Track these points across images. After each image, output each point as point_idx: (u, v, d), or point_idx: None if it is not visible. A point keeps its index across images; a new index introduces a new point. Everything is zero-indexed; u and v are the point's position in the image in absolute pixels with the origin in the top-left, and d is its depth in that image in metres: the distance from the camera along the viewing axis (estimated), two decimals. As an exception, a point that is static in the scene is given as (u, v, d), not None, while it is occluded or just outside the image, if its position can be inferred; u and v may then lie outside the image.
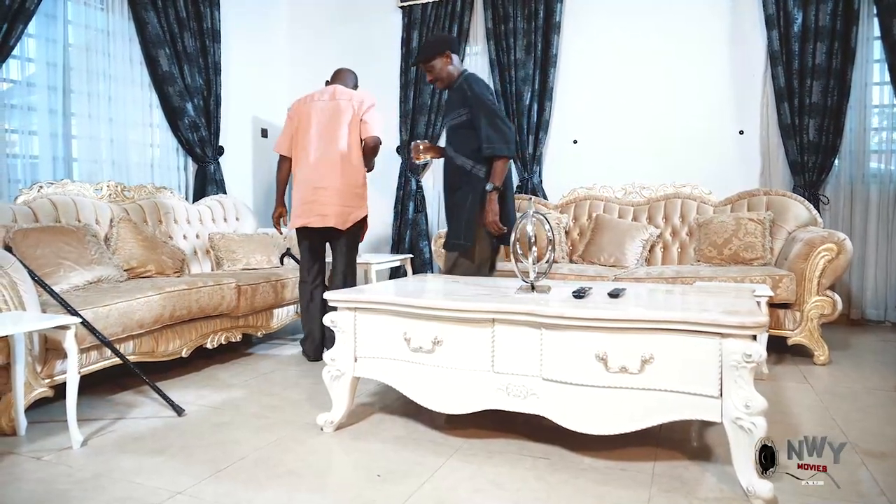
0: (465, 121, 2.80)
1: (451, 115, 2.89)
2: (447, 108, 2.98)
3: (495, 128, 2.73)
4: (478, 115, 2.74)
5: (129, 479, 1.80)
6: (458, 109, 2.83)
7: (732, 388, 1.67)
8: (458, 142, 2.85)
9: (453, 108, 2.88)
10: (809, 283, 3.04)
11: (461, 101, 2.82)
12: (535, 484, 1.76)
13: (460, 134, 2.84)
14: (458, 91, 2.85)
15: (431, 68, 2.88)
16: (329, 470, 1.90)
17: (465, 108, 2.80)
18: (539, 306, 1.86)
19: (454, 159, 2.86)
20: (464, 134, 2.81)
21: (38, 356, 2.27)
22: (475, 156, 2.78)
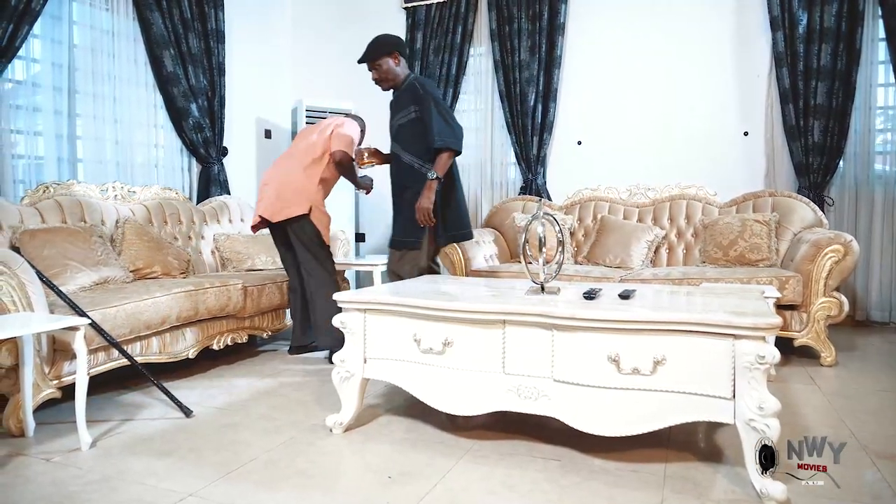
0: (414, 118, 2.80)
1: (401, 114, 2.87)
2: (395, 108, 2.93)
3: (447, 122, 2.77)
4: (429, 109, 2.74)
5: (139, 481, 1.79)
6: (409, 107, 2.82)
7: (745, 389, 1.66)
8: (407, 140, 2.85)
9: (403, 107, 2.86)
10: (816, 284, 3.04)
11: (411, 99, 2.81)
12: (547, 486, 1.76)
13: (409, 132, 2.84)
14: (408, 91, 2.85)
15: (378, 67, 2.87)
16: (340, 471, 1.90)
17: (414, 105, 2.80)
18: (551, 307, 1.85)
19: (402, 157, 2.86)
20: (412, 132, 2.81)
21: (46, 357, 2.27)
22: (423, 154, 2.79)
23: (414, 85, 2.85)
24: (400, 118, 2.88)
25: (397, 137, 2.91)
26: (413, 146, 2.83)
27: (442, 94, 4.83)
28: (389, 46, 2.88)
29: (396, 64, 2.88)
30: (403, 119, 2.86)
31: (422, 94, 2.78)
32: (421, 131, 2.78)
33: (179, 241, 3.56)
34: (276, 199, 3.14)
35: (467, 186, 5.00)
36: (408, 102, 2.84)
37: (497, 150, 4.87)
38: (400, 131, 2.89)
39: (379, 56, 2.87)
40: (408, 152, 2.84)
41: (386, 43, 2.89)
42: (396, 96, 2.94)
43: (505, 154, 4.86)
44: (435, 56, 4.87)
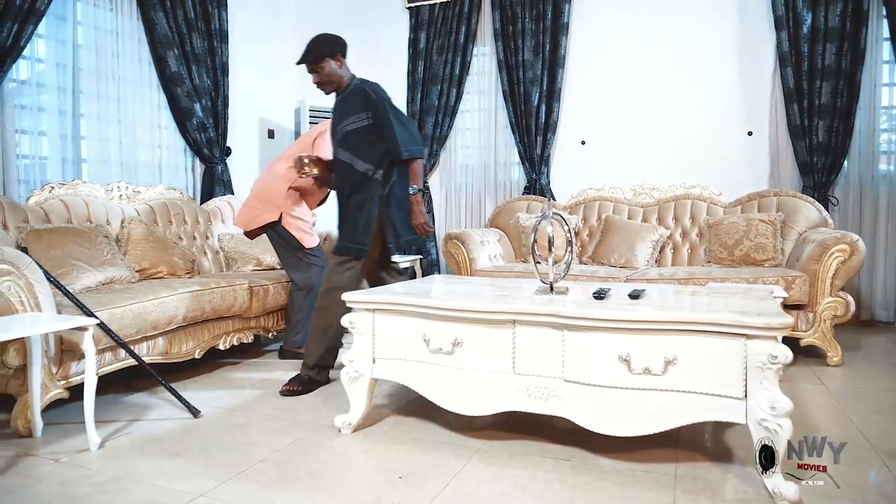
0: (366, 125, 2.67)
1: (350, 120, 2.70)
2: (341, 112, 2.75)
3: (408, 131, 2.69)
4: (387, 118, 2.64)
5: (150, 482, 1.79)
6: (359, 113, 2.68)
7: (757, 389, 1.66)
8: (359, 147, 2.69)
9: (352, 112, 2.70)
10: (822, 284, 3.04)
11: (362, 105, 2.68)
12: (558, 486, 1.75)
13: (360, 138, 2.69)
14: (356, 95, 2.71)
15: (320, 69, 2.70)
16: (350, 472, 1.89)
17: (366, 112, 2.67)
18: (562, 307, 1.85)
19: (352, 164, 2.71)
20: (364, 138, 2.68)
21: (54, 357, 2.26)
22: (375, 160, 2.68)
23: (364, 90, 2.71)
24: (348, 124, 2.70)
25: (346, 144, 2.73)
26: (365, 153, 2.69)
27: (445, 94, 4.84)
28: (332, 47, 2.71)
29: (339, 66, 2.73)
30: (353, 125, 2.69)
31: (375, 100, 2.66)
32: (373, 139, 2.67)
33: (184, 241, 3.55)
34: (248, 208, 3.27)
35: (471, 186, 5.00)
36: (358, 108, 2.69)
37: (501, 151, 4.87)
38: (348, 138, 2.71)
39: (321, 57, 2.68)
40: (360, 159, 2.69)
41: (328, 43, 2.72)
42: (341, 100, 2.77)
43: (509, 154, 4.86)
44: (438, 56, 4.87)
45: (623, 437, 1.86)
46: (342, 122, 2.74)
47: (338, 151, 2.77)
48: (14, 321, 2.01)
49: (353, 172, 2.72)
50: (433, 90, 4.88)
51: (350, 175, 2.73)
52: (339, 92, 2.78)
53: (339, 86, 2.76)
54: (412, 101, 4.99)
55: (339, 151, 2.76)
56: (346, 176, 2.75)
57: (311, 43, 2.72)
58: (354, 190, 2.72)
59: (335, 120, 2.79)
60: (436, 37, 4.89)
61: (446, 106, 4.87)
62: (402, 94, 5.05)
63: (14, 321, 2.01)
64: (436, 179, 5.10)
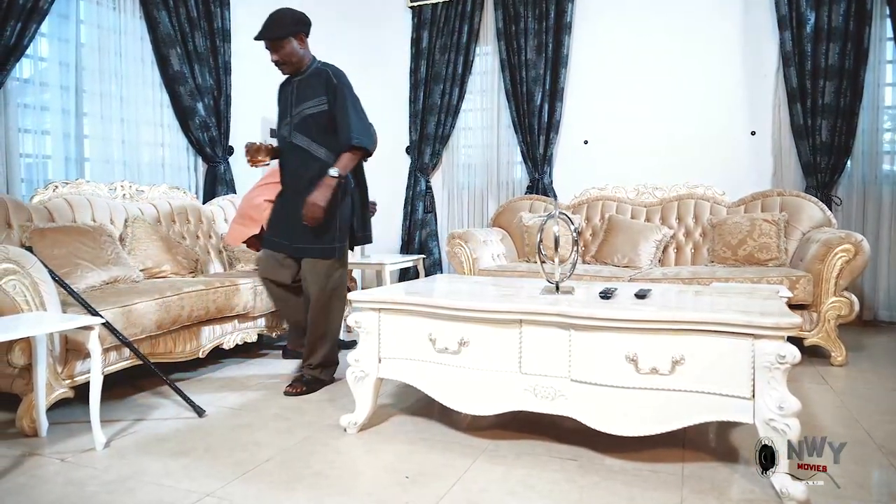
0: (325, 110, 2.55)
1: (310, 103, 2.57)
2: (301, 95, 2.60)
3: (363, 121, 2.58)
4: (344, 104, 2.52)
5: (156, 482, 1.79)
6: (320, 97, 2.56)
7: (765, 389, 1.66)
8: (319, 133, 2.58)
9: (313, 95, 2.57)
10: (827, 283, 3.04)
11: (323, 87, 2.56)
12: (566, 486, 1.75)
13: (319, 124, 2.57)
14: (318, 77, 2.59)
15: (281, 48, 2.53)
16: (357, 472, 1.89)
17: (326, 95, 2.55)
18: (570, 307, 1.85)
19: (310, 150, 2.59)
20: (322, 124, 2.57)
21: (59, 357, 2.26)
22: (334, 148, 2.56)
23: (326, 72, 2.58)
24: (308, 107, 2.57)
25: (304, 128, 2.59)
26: (325, 140, 2.57)
27: (448, 94, 4.84)
28: (297, 25, 2.55)
29: (301, 46, 2.58)
30: (313, 109, 2.56)
31: (336, 85, 2.54)
32: (330, 124, 2.55)
33: (188, 240, 3.54)
34: (234, 224, 3.41)
35: (473, 185, 5.00)
36: (319, 91, 2.56)
37: (503, 150, 4.87)
38: (307, 122, 2.58)
39: (284, 34, 2.51)
40: (321, 146, 2.57)
41: (293, 20, 2.55)
42: (299, 82, 2.62)
43: (511, 153, 4.86)
44: (441, 55, 4.87)
45: (630, 437, 1.86)
46: (300, 105, 2.60)
47: (293, 136, 2.61)
48: (19, 320, 2.01)
49: (310, 159, 2.59)
50: (436, 89, 4.88)
51: (307, 162, 2.60)
52: (297, 73, 2.64)
53: (298, 67, 2.61)
54: (414, 100, 4.99)
55: (296, 136, 2.61)
56: (303, 162, 2.60)
57: (274, 18, 2.55)
58: (312, 181, 2.54)
59: (290, 101, 2.63)
60: (438, 36, 4.89)
61: (448, 105, 4.87)
62: (405, 93, 5.05)
63: (19, 320, 2.01)
64: (438, 179, 5.10)
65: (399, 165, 5.14)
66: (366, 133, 2.59)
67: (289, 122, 2.64)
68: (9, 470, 1.88)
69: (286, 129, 2.65)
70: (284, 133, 2.66)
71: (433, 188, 5.07)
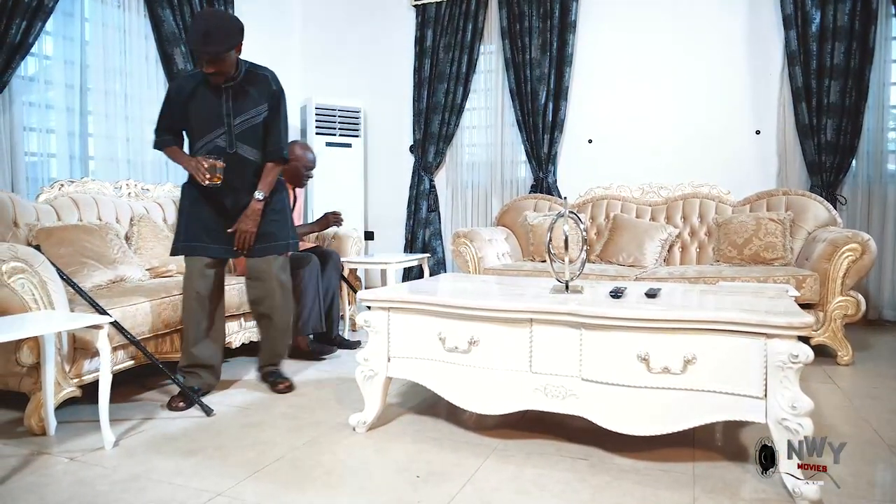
0: (266, 117, 2.48)
1: (255, 111, 2.46)
2: (240, 102, 2.44)
3: (287, 133, 2.60)
4: (281, 114, 2.50)
5: (167, 481, 1.78)
6: (262, 104, 2.46)
7: (778, 388, 1.66)
8: (256, 140, 2.50)
9: (255, 104, 2.45)
10: (833, 283, 3.03)
11: (265, 95, 2.47)
12: (578, 485, 1.75)
13: (258, 133, 2.49)
14: (256, 82, 2.47)
15: (223, 60, 2.32)
16: (367, 471, 1.89)
17: (269, 101, 2.47)
18: (582, 306, 1.85)
19: (257, 162, 2.52)
20: (259, 132, 2.49)
21: (67, 356, 2.25)
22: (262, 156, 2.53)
23: (265, 77, 2.49)
24: (252, 116, 2.46)
25: (247, 138, 2.47)
26: (260, 146, 2.51)
27: (452, 92, 4.83)
28: (240, 34, 2.37)
29: (238, 54, 2.42)
30: (258, 118, 2.46)
31: (277, 92, 2.49)
32: (262, 133, 2.49)
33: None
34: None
35: (477, 184, 5.00)
36: (261, 98, 2.45)
37: (507, 149, 4.86)
38: (257, 130, 2.48)
39: (231, 47, 2.32)
40: (259, 150, 2.51)
41: (238, 30, 2.36)
42: (234, 88, 2.44)
43: (515, 152, 4.85)
44: (445, 54, 4.86)
45: (639, 437, 1.85)
46: (243, 114, 2.45)
47: (237, 146, 2.46)
48: (29, 319, 2.01)
49: (254, 169, 2.51)
50: (440, 88, 4.87)
51: (252, 171, 2.51)
52: (233, 79, 2.44)
53: (231, 74, 2.43)
54: (418, 98, 4.98)
55: (240, 146, 2.46)
56: (247, 172, 2.50)
57: (218, 28, 2.31)
58: (253, 187, 2.50)
59: (226, 110, 2.43)
60: (442, 34, 4.88)
61: (453, 104, 4.86)
62: (409, 91, 5.04)
63: (29, 319, 2.01)
64: (442, 177, 5.10)
65: (403, 164, 5.13)
66: (287, 147, 2.61)
67: (226, 131, 2.44)
68: (18, 469, 1.88)
69: (224, 140, 2.44)
70: (222, 143, 2.44)
71: (437, 187, 5.06)
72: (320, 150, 4.91)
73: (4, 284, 2.06)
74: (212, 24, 2.32)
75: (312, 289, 3.23)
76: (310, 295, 3.22)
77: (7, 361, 2.10)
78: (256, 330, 2.88)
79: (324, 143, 4.92)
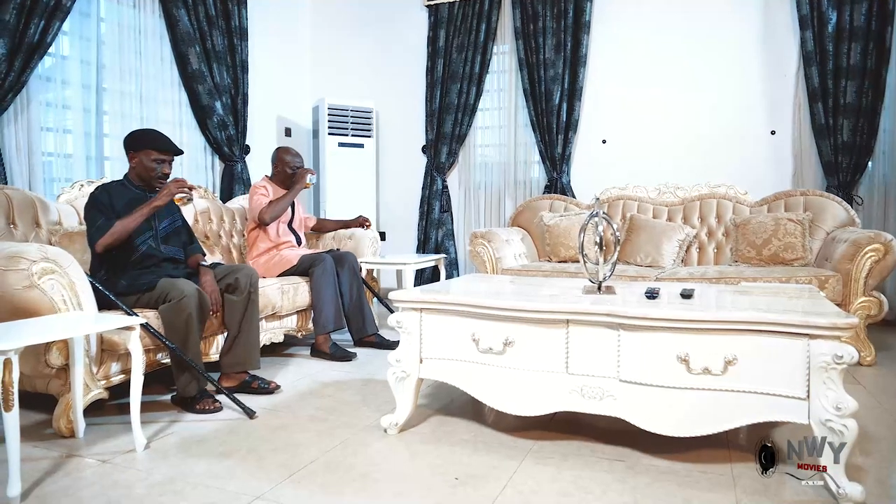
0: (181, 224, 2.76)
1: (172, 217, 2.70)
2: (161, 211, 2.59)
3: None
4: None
5: (204, 483, 1.77)
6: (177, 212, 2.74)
7: (821, 389, 1.65)
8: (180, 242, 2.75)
9: (172, 210, 2.70)
10: (856, 283, 3.03)
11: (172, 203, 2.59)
12: (619, 486, 1.74)
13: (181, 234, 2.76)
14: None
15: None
16: (405, 474, 1.87)
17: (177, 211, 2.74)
18: (621, 307, 1.83)
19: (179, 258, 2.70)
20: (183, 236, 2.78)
21: (95, 357, 2.24)
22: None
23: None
24: (173, 221, 2.70)
25: (172, 241, 2.68)
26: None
27: (465, 93, 4.81)
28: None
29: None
30: (178, 223, 2.73)
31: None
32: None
33: (210, 239, 3.52)
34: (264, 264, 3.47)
35: (490, 184, 4.98)
36: (173, 207, 2.68)
37: (520, 149, 4.86)
38: (181, 233, 2.75)
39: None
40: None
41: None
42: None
43: (528, 152, 4.84)
44: (458, 54, 4.85)
45: (674, 438, 1.84)
46: (167, 220, 2.65)
47: (161, 248, 2.60)
48: (59, 320, 1.99)
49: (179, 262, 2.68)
50: (452, 88, 4.86)
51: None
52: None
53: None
54: (431, 99, 4.97)
55: (164, 248, 2.62)
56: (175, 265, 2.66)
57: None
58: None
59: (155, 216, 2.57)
60: (455, 35, 4.87)
61: (465, 104, 4.85)
62: (421, 92, 5.04)
63: (59, 320, 1.99)
64: (454, 178, 5.09)
65: (415, 165, 5.12)
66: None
67: (154, 234, 2.59)
68: (51, 471, 1.86)
69: (153, 242, 2.58)
70: (151, 244, 2.57)
71: (449, 187, 5.05)
72: (333, 151, 4.91)
73: (35, 285, 2.04)
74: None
75: (327, 289, 3.21)
76: (323, 295, 3.20)
77: (37, 363, 2.08)
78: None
79: (336, 144, 4.91)
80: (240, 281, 2.62)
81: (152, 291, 2.42)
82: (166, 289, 2.39)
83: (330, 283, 3.22)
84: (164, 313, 2.36)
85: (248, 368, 2.65)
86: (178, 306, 2.34)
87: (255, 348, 2.68)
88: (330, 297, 3.20)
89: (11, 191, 2.67)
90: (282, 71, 5.15)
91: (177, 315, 2.34)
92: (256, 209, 3.40)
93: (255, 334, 2.67)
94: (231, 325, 2.63)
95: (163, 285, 2.41)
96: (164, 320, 2.35)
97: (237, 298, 2.62)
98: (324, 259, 3.28)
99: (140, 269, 2.51)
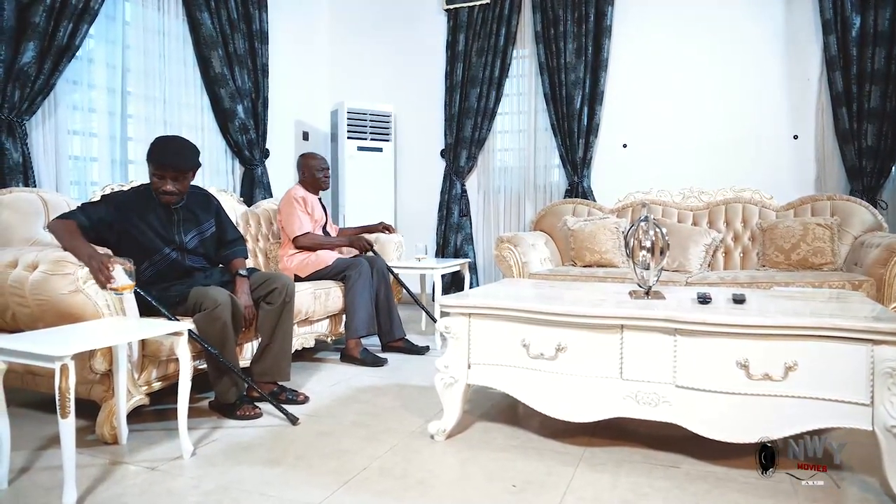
0: (214, 231, 2.62)
1: (203, 227, 2.58)
2: (188, 222, 2.53)
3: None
4: (226, 216, 2.73)
5: (259, 491, 1.75)
6: (210, 220, 2.62)
7: (886, 395, 1.64)
8: (210, 251, 2.63)
9: (203, 220, 2.58)
10: (889, 288, 3.02)
11: (212, 212, 2.63)
12: (679, 493, 1.72)
13: (210, 244, 2.62)
14: (201, 202, 2.61)
15: (185, 178, 2.43)
16: (460, 481, 1.85)
17: (214, 216, 2.64)
18: (678, 312, 1.82)
19: (212, 273, 2.61)
20: (213, 244, 2.63)
21: (136, 363, 2.21)
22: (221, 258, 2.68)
23: (207, 196, 2.67)
24: (204, 233, 2.58)
25: (199, 251, 2.57)
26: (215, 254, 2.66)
27: (485, 97, 4.81)
28: (198, 159, 2.51)
29: (192, 178, 2.52)
30: (208, 232, 2.59)
31: (218, 204, 2.69)
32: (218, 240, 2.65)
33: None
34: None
35: (510, 189, 4.97)
36: (208, 213, 2.61)
37: (540, 153, 4.85)
38: (207, 245, 2.60)
39: (194, 166, 2.47)
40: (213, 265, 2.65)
41: (197, 152, 2.51)
42: (182, 209, 2.51)
43: (548, 157, 4.84)
44: (478, 58, 4.85)
45: (726, 444, 1.82)
46: (193, 232, 2.54)
47: (187, 258, 2.51)
48: (106, 325, 1.97)
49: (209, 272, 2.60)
50: (472, 92, 4.86)
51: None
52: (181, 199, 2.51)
53: (183, 194, 2.50)
54: (450, 103, 4.96)
55: (190, 258, 2.52)
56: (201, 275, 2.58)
57: (184, 146, 2.46)
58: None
59: (188, 227, 2.51)
60: (475, 39, 4.87)
61: (485, 108, 4.85)
62: (440, 96, 5.03)
63: (106, 325, 1.97)
64: (473, 182, 5.08)
65: (434, 169, 5.11)
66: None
67: (178, 246, 2.49)
68: (100, 479, 1.83)
69: (177, 254, 2.49)
70: (175, 257, 2.49)
71: (468, 192, 5.04)
72: (351, 154, 4.89)
73: (80, 290, 2.02)
74: (180, 143, 2.47)
75: (362, 293, 3.20)
76: (358, 300, 3.20)
77: (81, 369, 2.05)
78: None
79: (355, 148, 4.90)
80: (277, 291, 2.59)
81: (185, 303, 2.39)
82: (199, 298, 2.36)
83: (366, 287, 3.20)
84: (199, 322, 2.32)
85: (277, 379, 2.60)
86: (213, 315, 2.30)
87: (286, 359, 2.61)
88: (364, 302, 3.19)
89: (46, 194, 2.65)
90: (300, 75, 5.14)
91: (211, 323, 2.31)
92: (292, 224, 3.39)
93: (287, 344, 2.62)
94: (264, 334, 2.59)
95: (195, 295, 2.38)
96: (200, 329, 2.31)
97: (272, 307, 2.59)
98: (360, 263, 3.27)
99: (168, 283, 2.46)
